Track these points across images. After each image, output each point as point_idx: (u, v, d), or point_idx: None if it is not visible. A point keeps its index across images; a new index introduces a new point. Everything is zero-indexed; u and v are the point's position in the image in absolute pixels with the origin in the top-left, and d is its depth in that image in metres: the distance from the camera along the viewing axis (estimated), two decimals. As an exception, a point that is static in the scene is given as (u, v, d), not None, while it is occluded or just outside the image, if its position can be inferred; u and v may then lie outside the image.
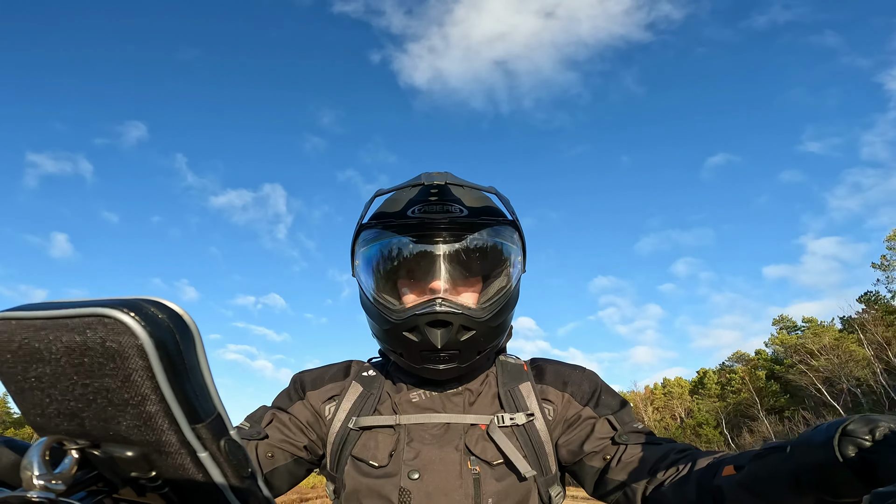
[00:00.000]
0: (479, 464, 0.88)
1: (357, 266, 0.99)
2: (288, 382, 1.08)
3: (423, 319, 0.87)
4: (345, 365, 1.08)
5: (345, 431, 0.95)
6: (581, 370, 1.04)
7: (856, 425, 0.51)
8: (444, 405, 0.96)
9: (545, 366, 1.05)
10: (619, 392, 0.98)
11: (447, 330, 0.88)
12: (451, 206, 0.94)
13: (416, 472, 0.86)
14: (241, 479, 0.36)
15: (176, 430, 0.34)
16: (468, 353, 0.92)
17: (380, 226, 0.96)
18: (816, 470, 0.54)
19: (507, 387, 0.99)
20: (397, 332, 0.90)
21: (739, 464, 0.68)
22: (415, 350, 0.90)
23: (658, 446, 0.87)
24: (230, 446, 0.36)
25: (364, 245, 0.98)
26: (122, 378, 0.32)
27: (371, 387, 1.00)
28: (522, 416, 0.93)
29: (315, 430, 0.98)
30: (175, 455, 0.35)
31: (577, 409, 0.97)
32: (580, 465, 0.93)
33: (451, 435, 0.91)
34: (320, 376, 1.04)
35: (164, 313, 0.33)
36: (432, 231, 0.92)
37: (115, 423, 0.34)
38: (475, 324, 0.89)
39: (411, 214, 0.94)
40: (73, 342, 0.32)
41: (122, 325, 0.31)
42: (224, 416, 0.36)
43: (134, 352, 0.32)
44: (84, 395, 0.33)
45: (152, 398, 0.33)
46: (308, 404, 1.00)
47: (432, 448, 0.89)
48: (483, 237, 0.94)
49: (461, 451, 0.89)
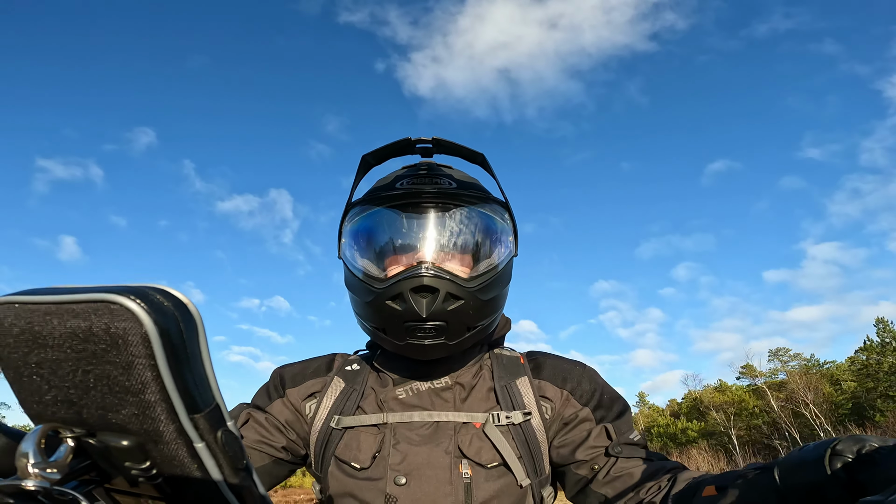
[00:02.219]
0: (472, 466, 0.85)
1: (343, 244, 0.96)
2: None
3: (406, 285, 0.84)
4: (328, 359, 1.04)
5: (327, 430, 0.91)
6: (581, 366, 1.00)
7: (845, 444, 0.53)
8: (433, 402, 0.92)
9: (543, 360, 1.00)
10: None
11: (433, 297, 0.84)
12: (440, 179, 0.94)
13: (402, 477, 0.83)
14: (235, 472, 0.37)
15: (174, 420, 0.34)
16: (456, 328, 0.87)
17: (366, 199, 0.95)
18: (806, 488, 0.54)
19: (504, 381, 0.95)
20: (380, 301, 0.86)
21: (721, 485, 0.67)
22: (398, 322, 0.86)
23: (649, 463, 0.86)
24: (226, 437, 0.36)
25: (350, 221, 0.96)
26: (124, 365, 0.33)
27: (354, 382, 0.97)
28: (519, 415, 0.89)
29: (295, 430, 0.95)
30: (171, 445, 0.35)
31: (575, 408, 0.93)
32: (566, 470, 0.91)
33: (441, 435, 0.87)
34: (301, 371, 1.00)
35: (169, 301, 0.33)
36: (419, 200, 0.91)
37: (114, 411, 0.34)
38: (463, 293, 0.85)
39: (399, 186, 0.92)
40: (78, 328, 0.32)
41: (127, 312, 0.32)
42: (222, 407, 0.36)
43: (137, 339, 0.32)
44: (84, 381, 0.33)
45: (152, 386, 0.33)
46: (288, 402, 0.96)
47: (420, 450, 0.86)
48: (471, 210, 0.93)
49: (451, 454, 0.85)
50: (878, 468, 0.49)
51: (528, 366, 1.00)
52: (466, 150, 0.95)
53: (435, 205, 0.91)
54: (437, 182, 0.93)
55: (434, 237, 0.90)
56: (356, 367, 1.00)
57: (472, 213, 0.93)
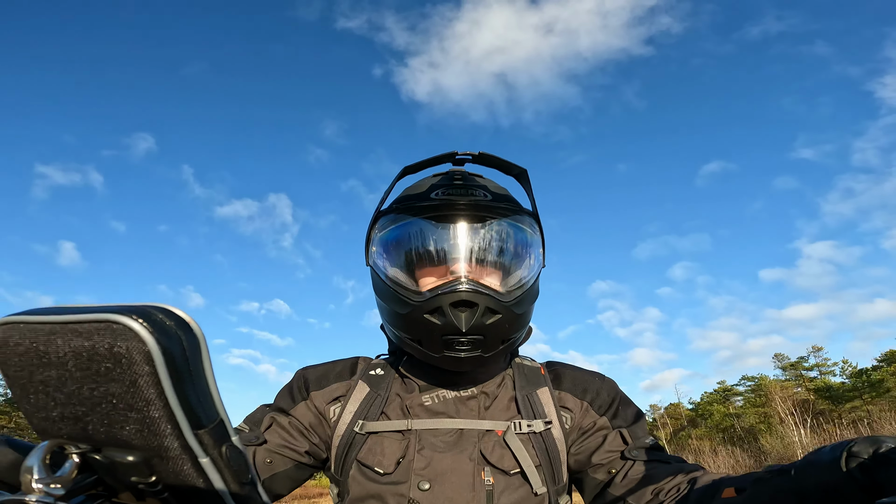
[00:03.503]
0: (494, 473, 0.85)
1: (373, 252, 0.95)
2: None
3: (446, 300, 0.84)
4: (351, 362, 1.03)
5: (350, 435, 0.90)
6: (601, 378, 1.00)
7: (861, 446, 0.52)
8: (457, 410, 0.92)
9: (563, 371, 1.01)
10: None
11: (472, 312, 0.84)
12: (475, 190, 0.93)
13: (426, 483, 0.83)
14: (240, 486, 0.37)
15: (178, 436, 0.35)
16: (492, 341, 0.87)
17: (400, 209, 0.93)
18: (823, 490, 0.54)
19: (525, 391, 0.95)
20: (418, 315, 0.86)
21: (740, 486, 0.67)
22: (436, 335, 0.85)
23: (666, 465, 0.85)
24: (231, 452, 0.36)
25: (382, 229, 0.95)
26: (128, 383, 0.33)
27: (378, 387, 0.96)
28: (540, 424, 0.89)
29: (318, 433, 0.94)
30: (176, 460, 0.35)
31: (593, 418, 0.94)
32: (584, 475, 0.92)
33: (465, 442, 0.87)
34: (325, 374, 0.99)
35: (171, 320, 0.33)
36: (455, 212, 0.89)
37: (119, 427, 0.35)
38: (501, 307, 0.85)
39: (434, 197, 0.91)
40: (82, 347, 0.32)
41: (130, 332, 0.32)
42: (226, 422, 0.36)
43: (141, 357, 0.32)
44: (89, 399, 0.34)
45: (156, 403, 0.33)
46: (312, 405, 0.95)
47: (445, 456, 0.85)
48: (507, 223, 0.92)
49: (475, 461, 0.85)
50: (895, 468, 0.49)
51: (548, 376, 1.00)
52: (509, 164, 0.95)
53: (472, 217, 0.90)
54: (473, 193, 0.92)
55: (471, 250, 0.89)
56: (380, 372, 0.99)
57: (506, 225, 0.92)
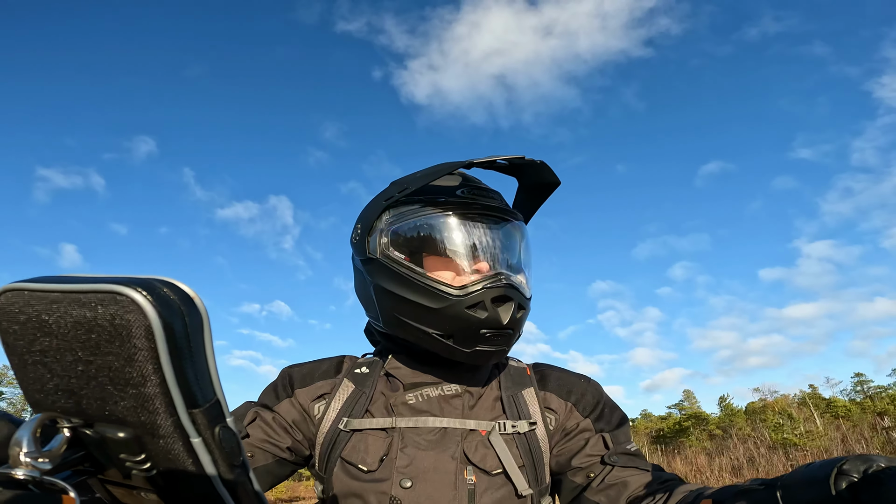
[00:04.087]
0: (477, 473, 0.86)
1: (384, 243, 0.93)
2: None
3: (489, 294, 0.86)
4: (337, 360, 1.03)
5: (335, 432, 0.91)
6: (586, 380, 1.02)
7: (851, 464, 0.52)
8: (441, 408, 0.92)
9: (549, 372, 1.02)
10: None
11: (509, 306, 0.88)
12: (493, 193, 0.99)
13: (408, 481, 0.83)
14: (231, 468, 0.37)
15: (172, 414, 0.34)
16: (517, 335, 0.92)
17: (426, 201, 0.93)
18: None
19: (511, 392, 0.96)
20: (457, 309, 0.86)
21: (719, 499, 0.67)
22: (474, 329, 0.87)
23: (644, 473, 0.86)
24: (224, 434, 0.36)
25: (402, 220, 0.93)
26: (126, 357, 0.33)
27: (363, 385, 0.96)
28: (525, 424, 0.90)
29: (302, 430, 0.94)
30: (168, 439, 0.35)
31: (577, 419, 0.95)
32: (563, 478, 0.92)
33: (448, 441, 0.88)
34: (310, 372, 1.00)
35: (175, 294, 0.33)
36: (486, 212, 0.93)
37: (113, 402, 0.34)
38: (527, 303, 0.91)
39: (461, 195, 0.94)
40: (83, 317, 0.32)
41: (133, 304, 0.32)
42: (223, 403, 0.36)
43: (141, 331, 0.32)
44: (86, 371, 0.34)
45: (153, 379, 0.33)
46: (296, 402, 0.96)
47: (427, 455, 0.86)
48: (520, 227, 0.99)
49: (457, 460, 0.86)
50: (884, 488, 0.48)
51: (534, 377, 1.01)
52: (555, 177, 1.01)
53: (498, 218, 0.95)
54: (493, 196, 0.98)
55: (505, 248, 0.94)
56: (365, 370, 1.00)
57: (521, 228, 0.99)
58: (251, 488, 0.38)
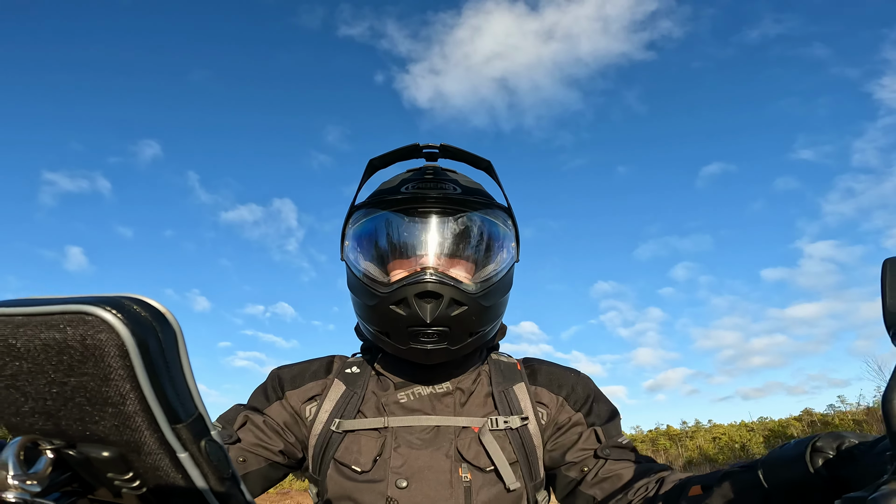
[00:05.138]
0: (471, 470, 0.85)
1: (346, 246, 0.96)
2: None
3: (411, 291, 0.84)
4: (327, 361, 1.03)
5: (327, 434, 0.90)
6: (576, 374, 1.01)
7: (825, 441, 0.54)
8: (433, 406, 0.92)
9: (539, 367, 1.01)
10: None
11: (437, 303, 0.84)
12: (445, 184, 0.93)
13: (404, 481, 0.83)
14: (221, 481, 0.36)
15: (155, 430, 0.34)
16: (458, 333, 0.87)
17: (372, 203, 0.94)
18: (789, 485, 0.56)
19: (501, 387, 0.95)
20: (384, 306, 0.86)
21: (707, 484, 0.68)
22: (402, 326, 0.86)
23: (637, 465, 0.87)
24: (210, 447, 0.35)
25: (355, 223, 0.95)
26: (102, 377, 0.32)
27: (354, 385, 0.96)
28: (517, 420, 0.90)
29: (294, 433, 0.94)
30: (154, 455, 0.34)
31: (569, 413, 0.94)
32: (557, 472, 0.92)
33: (442, 439, 0.87)
34: (300, 374, 0.99)
35: (146, 311, 0.32)
36: (425, 205, 0.90)
37: (93, 422, 0.34)
38: (467, 299, 0.86)
39: (404, 191, 0.92)
40: (52, 339, 0.31)
41: (103, 323, 0.31)
42: (205, 417, 0.35)
43: (115, 350, 0.31)
44: (61, 393, 0.33)
45: (132, 397, 0.32)
46: (287, 405, 0.95)
47: (421, 454, 0.86)
48: (476, 217, 0.93)
49: (452, 458, 0.86)
50: (859, 464, 0.50)
51: (524, 372, 1.00)
52: (473, 157, 0.96)
53: (440, 210, 0.91)
54: (443, 187, 0.92)
55: (438, 242, 0.89)
56: (356, 370, 0.99)
57: (476, 218, 0.93)
58: (243, 499, 0.37)
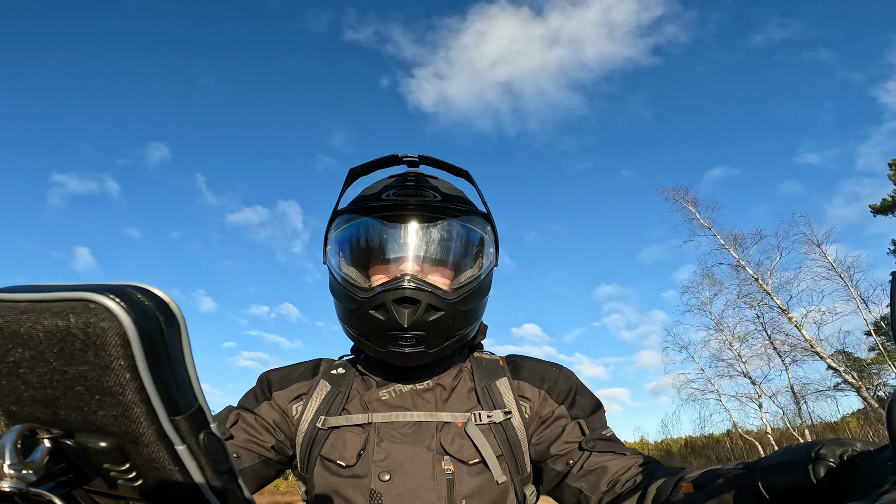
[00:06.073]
0: (454, 463, 0.86)
1: (328, 251, 0.98)
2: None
3: (389, 296, 0.86)
4: (313, 363, 1.05)
5: (313, 431, 0.92)
6: (558, 368, 1.02)
7: (828, 449, 0.53)
8: (415, 403, 0.94)
9: (522, 362, 1.03)
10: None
11: (414, 308, 0.87)
12: (425, 191, 0.95)
13: (386, 474, 0.84)
14: (218, 475, 0.36)
15: (154, 422, 0.33)
16: (436, 337, 0.90)
17: (353, 209, 0.96)
18: (788, 491, 0.54)
19: (484, 383, 0.97)
20: (363, 311, 0.88)
21: (699, 483, 0.67)
22: (380, 330, 0.88)
23: (622, 457, 0.87)
24: (209, 440, 0.35)
25: (337, 229, 0.98)
26: (103, 365, 0.32)
27: (339, 385, 0.98)
28: (500, 414, 0.91)
29: (283, 431, 0.95)
30: (151, 447, 0.34)
31: (552, 406, 0.96)
32: (544, 466, 0.93)
33: (423, 434, 0.89)
34: (287, 375, 1.01)
35: (150, 300, 0.32)
36: (404, 212, 0.92)
37: (92, 412, 0.33)
38: (444, 304, 0.88)
39: (385, 198, 0.94)
40: (56, 326, 0.31)
41: (106, 311, 0.31)
42: (205, 409, 0.35)
43: (116, 339, 0.31)
44: (62, 381, 0.33)
45: (131, 387, 0.32)
46: (275, 404, 0.97)
47: (403, 447, 0.87)
48: (455, 223, 0.95)
49: (433, 451, 0.87)
50: (860, 474, 0.49)
51: (506, 367, 1.02)
52: (452, 167, 0.99)
53: (420, 217, 0.93)
54: (423, 194, 0.95)
55: (417, 249, 0.92)
56: (341, 371, 1.01)
57: (455, 225, 0.95)
58: (241, 495, 0.37)
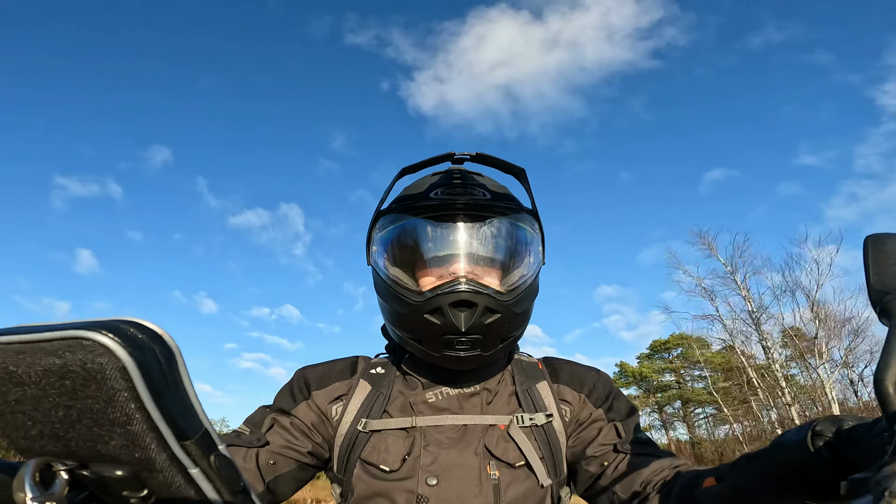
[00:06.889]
0: (500, 466, 0.85)
1: (374, 251, 0.95)
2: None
3: (446, 300, 0.84)
4: (351, 361, 1.02)
5: (353, 433, 0.90)
6: (597, 372, 1.02)
7: (823, 425, 0.54)
8: (461, 406, 0.92)
9: (560, 366, 1.01)
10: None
11: (471, 312, 0.84)
12: (473, 189, 0.92)
13: (434, 478, 0.83)
14: (233, 494, 0.36)
15: (165, 448, 0.34)
16: (492, 340, 0.87)
17: (399, 209, 0.93)
18: (795, 470, 0.56)
19: (525, 385, 0.95)
20: (417, 315, 0.86)
21: (720, 475, 0.68)
22: (436, 335, 0.85)
23: (657, 459, 0.86)
24: (220, 461, 0.35)
25: (382, 229, 0.95)
26: (106, 399, 0.32)
27: (380, 385, 0.95)
28: (542, 417, 0.90)
29: (321, 433, 0.93)
30: (166, 472, 0.35)
31: (590, 410, 0.95)
32: (578, 467, 0.93)
33: (470, 437, 0.88)
34: (326, 373, 0.99)
35: (143, 333, 0.32)
36: (454, 212, 0.89)
37: (103, 443, 0.34)
38: (500, 306, 0.85)
39: (433, 196, 0.91)
40: (53, 365, 0.31)
41: (102, 347, 0.30)
42: (211, 432, 0.35)
43: (116, 373, 0.31)
44: (67, 416, 0.33)
45: (138, 417, 0.32)
46: (314, 404, 0.95)
47: (450, 452, 0.86)
48: (505, 222, 0.92)
49: (480, 455, 0.86)
50: (861, 446, 0.49)
51: (545, 371, 1.01)
52: (508, 165, 0.95)
53: (470, 216, 0.90)
54: (472, 192, 0.92)
55: (470, 249, 0.89)
56: (381, 371, 0.99)
57: (505, 224, 0.92)
58: (257, 511, 0.38)
